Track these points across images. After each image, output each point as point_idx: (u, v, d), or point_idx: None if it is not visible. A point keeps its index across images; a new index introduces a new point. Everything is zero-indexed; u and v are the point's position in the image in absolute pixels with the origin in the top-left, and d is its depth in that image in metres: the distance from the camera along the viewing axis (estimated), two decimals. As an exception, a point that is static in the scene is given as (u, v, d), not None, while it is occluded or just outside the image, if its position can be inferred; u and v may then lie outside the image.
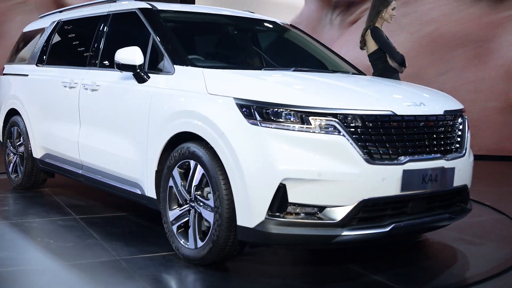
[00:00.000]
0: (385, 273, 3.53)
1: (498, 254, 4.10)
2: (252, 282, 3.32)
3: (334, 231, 3.26)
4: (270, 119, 3.28)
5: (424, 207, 3.63)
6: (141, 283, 3.26)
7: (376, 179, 3.31)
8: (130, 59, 3.97)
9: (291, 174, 3.21)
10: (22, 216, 4.72)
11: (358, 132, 3.30)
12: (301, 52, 4.99)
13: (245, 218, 3.29)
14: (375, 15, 5.42)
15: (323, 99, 3.35)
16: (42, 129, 5.37)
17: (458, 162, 3.75)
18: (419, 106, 3.61)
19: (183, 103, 3.71)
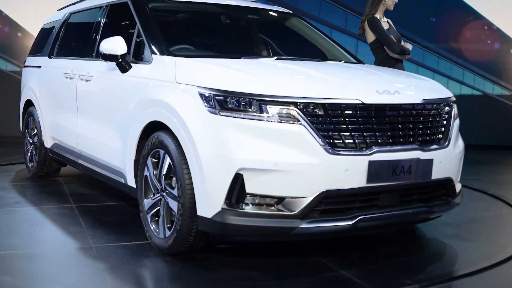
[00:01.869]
0: (356, 268, 3.41)
1: (484, 251, 3.89)
2: (211, 274, 3.28)
3: (293, 223, 3.18)
4: (229, 108, 3.22)
5: (397, 200, 3.48)
6: (100, 270, 3.28)
7: (338, 170, 3.20)
8: (112, 49, 4.00)
9: (247, 164, 3.14)
10: (22, 203, 4.87)
11: (320, 121, 3.20)
12: (297, 40, 4.90)
13: (204, 208, 3.25)
14: (378, 1, 5.22)
15: (282, 87, 3.26)
16: (50, 119, 5.51)
17: (439, 154, 3.57)
18: (393, 94, 3.46)
19: (154, 92, 3.71)
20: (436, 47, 8.99)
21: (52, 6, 6.86)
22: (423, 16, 8.98)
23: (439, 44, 9.01)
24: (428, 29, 8.94)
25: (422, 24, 8.92)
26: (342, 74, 3.82)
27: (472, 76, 9.07)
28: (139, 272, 3.37)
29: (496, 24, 8.97)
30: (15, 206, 4.74)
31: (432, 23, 9.00)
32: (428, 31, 8.92)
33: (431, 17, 9.00)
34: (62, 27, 5.78)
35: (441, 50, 9.01)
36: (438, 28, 9.01)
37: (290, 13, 5.05)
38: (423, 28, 8.93)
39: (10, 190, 5.34)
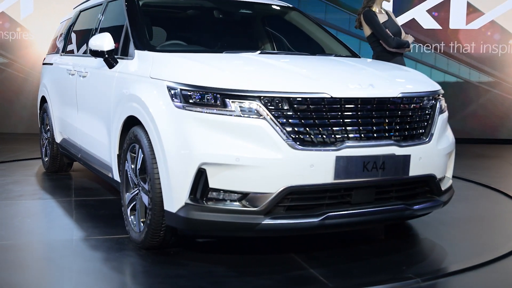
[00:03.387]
0: (326, 267, 3.32)
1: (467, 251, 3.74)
2: (177, 268, 3.27)
3: (255, 219, 3.13)
4: (193, 103, 3.20)
5: (372, 197, 3.37)
6: (67, 262, 3.32)
7: (302, 165, 3.13)
8: (99, 45, 4.05)
9: (209, 158, 3.12)
10: (25, 196, 4.99)
11: (285, 116, 3.13)
12: (291, 34, 4.83)
13: (169, 202, 3.25)
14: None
15: (246, 81, 3.21)
16: (59, 115, 5.64)
17: (418, 150, 3.44)
18: (367, 88, 3.35)
19: (131, 87, 3.73)
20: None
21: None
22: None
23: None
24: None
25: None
26: (316, 67, 3.73)
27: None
28: (104, 265, 3.37)
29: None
30: (17, 199, 4.87)
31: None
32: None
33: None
34: (72, 25, 5.90)
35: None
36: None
37: (288, 7, 4.98)
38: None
39: (19, 184, 5.49)
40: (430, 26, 8.89)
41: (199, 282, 3.09)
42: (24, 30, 9.13)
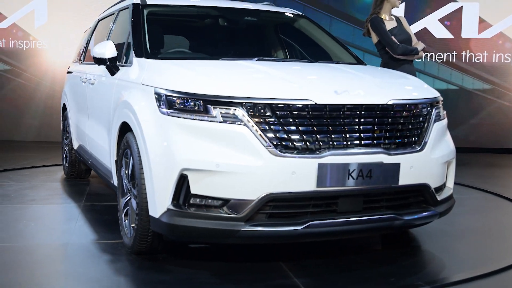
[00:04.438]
0: (311, 277, 3.28)
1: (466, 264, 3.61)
2: (160, 274, 3.27)
3: (236, 226, 3.11)
4: (177, 108, 3.22)
5: (360, 206, 3.30)
6: (59, 266, 3.38)
7: (284, 172, 3.09)
8: (101, 52, 4.12)
9: (190, 164, 3.12)
10: (36, 200, 5.10)
11: (267, 122, 3.11)
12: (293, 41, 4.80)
13: (153, 207, 3.27)
14: (381, 0, 4.99)
15: (228, 87, 3.20)
16: (75, 121, 5.77)
17: (409, 158, 3.35)
18: (355, 94, 3.30)
19: (126, 93, 3.79)
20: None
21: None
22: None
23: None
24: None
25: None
26: (305, 74, 3.69)
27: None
28: (91, 269, 3.39)
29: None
30: (28, 203, 4.99)
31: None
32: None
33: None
34: (91, 34, 6.03)
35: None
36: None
37: (298, 15, 4.94)
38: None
39: (36, 189, 5.62)
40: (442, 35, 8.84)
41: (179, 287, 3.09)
42: (37, 39, 9.36)
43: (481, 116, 9.05)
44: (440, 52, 8.88)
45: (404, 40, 4.95)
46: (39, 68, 9.37)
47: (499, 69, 8.93)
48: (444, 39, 8.91)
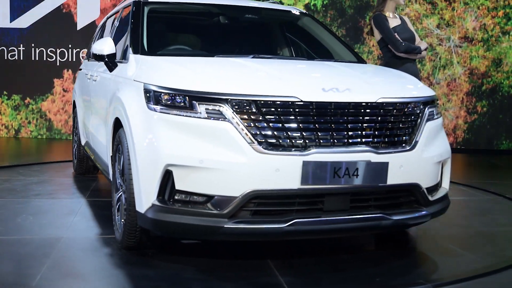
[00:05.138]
0: (296, 276, 3.25)
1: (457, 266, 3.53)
2: (145, 269, 3.28)
3: (219, 222, 3.10)
4: (164, 104, 3.23)
5: (347, 205, 3.27)
6: (46, 260, 3.41)
7: (267, 169, 3.08)
8: (100, 49, 4.16)
9: (174, 160, 3.12)
10: (41, 195, 5.17)
11: (251, 119, 3.10)
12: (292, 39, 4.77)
13: (139, 203, 3.28)
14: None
15: (213, 84, 3.20)
16: (82, 118, 5.84)
17: (398, 157, 3.31)
18: (344, 92, 3.26)
19: (119, 89, 3.81)
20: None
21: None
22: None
23: None
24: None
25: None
26: (294, 71, 3.66)
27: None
28: (78, 264, 3.42)
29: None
30: (32, 198, 5.06)
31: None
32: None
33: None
34: (99, 32, 6.10)
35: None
36: None
37: (297, 12, 4.91)
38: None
39: (43, 184, 5.70)
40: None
41: (161, 284, 3.09)
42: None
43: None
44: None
45: (407, 39, 4.87)
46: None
47: None
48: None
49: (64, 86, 9.20)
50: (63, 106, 9.21)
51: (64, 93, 9.21)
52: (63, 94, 9.20)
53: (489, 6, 9.04)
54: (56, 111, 9.24)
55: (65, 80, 9.20)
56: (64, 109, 9.22)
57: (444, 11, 9.00)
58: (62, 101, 9.23)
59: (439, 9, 9.00)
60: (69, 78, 9.14)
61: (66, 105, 9.24)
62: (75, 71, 9.04)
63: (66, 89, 9.20)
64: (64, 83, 9.20)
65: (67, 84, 9.19)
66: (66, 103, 9.23)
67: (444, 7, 9.01)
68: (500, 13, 9.01)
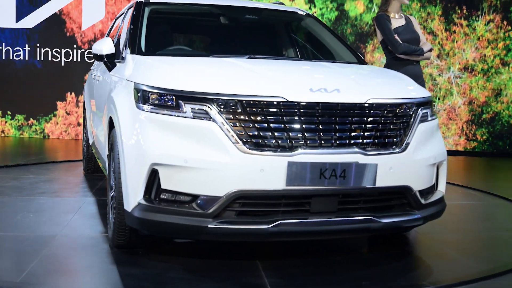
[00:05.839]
0: (283, 277, 3.22)
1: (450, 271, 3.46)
2: (132, 268, 3.29)
3: (203, 222, 3.09)
4: (152, 104, 3.24)
5: (334, 207, 3.23)
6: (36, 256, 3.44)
7: (252, 169, 3.06)
8: (99, 49, 4.19)
9: (159, 159, 3.13)
10: (46, 193, 5.22)
11: (237, 119, 3.09)
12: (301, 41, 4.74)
13: (126, 201, 3.29)
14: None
15: (199, 84, 3.19)
16: (89, 118, 5.89)
17: (388, 159, 3.26)
18: (331, 92, 3.23)
19: (114, 89, 3.84)
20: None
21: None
22: None
23: None
24: None
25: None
26: (283, 72, 3.62)
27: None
28: (68, 261, 3.47)
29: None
30: (36, 195, 5.12)
31: None
32: None
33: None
34: (109, 33, 6.15)
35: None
36: None
37: (299, 13, 4.88)
38: None
39: (50, 183, 5.77)
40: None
41: (145, 283, 3.09)
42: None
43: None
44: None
45: (409, 40, 4.79)
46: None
47: None
48: None
49: (67, 109, 9.34)
50: (65, 129, 9.37)
51: (67, 116, 9.38)
52: (66, 117, 9.36)
53: (489, 38, 9.11)
54: (59, 133, 9.40)
55: (68, 103, 9.34)
56: (66, 131, 9.38)
57: (445, 41, 9.11)
58: (65, 124, 9.38)
59: (439, 39, 9.11)
60: (72, 101, 9.28)
61: (69, 128, 9.38)
62: (77, 94, 9.24)
63: (69, 112, 9.34)
64: (67, 106, 9.34)
65: (69, 107, 9.34)
66: (69, 126, 9.36)
67: (444, 37, 9.10)
68: (500, 45, 9.12)
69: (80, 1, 9.20)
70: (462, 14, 9.08)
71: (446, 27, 9.09)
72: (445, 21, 9.10)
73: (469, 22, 9.08)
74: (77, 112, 9.30)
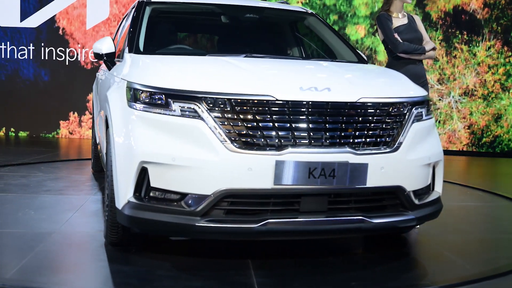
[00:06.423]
0: (271, 277, 3.20)
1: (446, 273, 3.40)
2: (123, 266, 3.30)
3: (191, 220, 3.10)
4: (143, 102, 3.25)
5: (324, 206, 3.20)
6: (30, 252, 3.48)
7: (239, 168, 3.06)
8: (99, 48, 4.23)
9: (148, 157, 3.14)
10: (51, 191, 5.28)
11: (225, 117, 3.08)
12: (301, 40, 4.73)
13: (117, 199, 3.31)
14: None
15: (188, 82, 3.20)
16: (95, 117, 5.95)
17: (380, 159, 3.23)
18: (322, 91, 3.21)
19: (109, 87, 3.86)
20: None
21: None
22: None
23: None
24: None
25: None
26: (275, 70, 3.61)
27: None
28: (61, 258, 3.51)
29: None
30: (40, 193, 5.18)
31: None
32: None
33: None
34: (116, 31, 6.20)
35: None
36: None
37: (302, 12, 4.86)
38: None
39: (57, 181, 5.83)
40: None
41: (131, 280, 3.11)
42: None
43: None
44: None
45: (411, 39, 4.71)
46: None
47: None
48: None
49: (70, 129, 9.47)
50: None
51: (70, 135, 9.50)
52: (69, 136, 9.49)
53: (489, 64, 9.14)
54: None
55: (71, 122, 9.45)
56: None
57: (445, 66, 9.18)
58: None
59: (440, 64, 9.17)
60: (75, 120, 9.38)
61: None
62: (81, 114, 9.40)
63: (72, 131, 9.46)
64: (70, 125, 9.45)
65: (72, 127, 9.44)
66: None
67: (445, 62, 9.16)
68: (500, 70, 9.16)
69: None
70: (463, 39, 9.20)
71: (447, 52, 9.19)
72: (446, 46, 9.20)
73: (470, 48, 9.18)
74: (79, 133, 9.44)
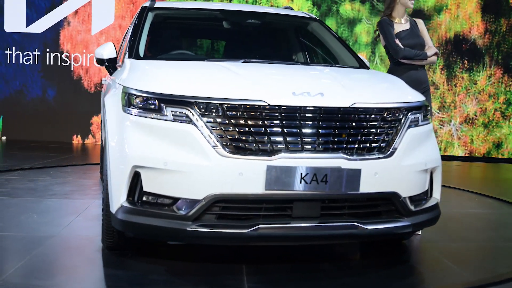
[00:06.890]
0: (264, 283, 3.20)
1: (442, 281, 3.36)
2: (117, 270, 3.32)
3: (183, 225, 3.10)
4: (137, 107, 3.27)
5: (317, 212, 3.19)
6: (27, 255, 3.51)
7: (231, 173, 3.05)
8: (100, 53, 4.27)
9: (140, 162, 3.15)
10: (56, 195, 5.34)
11: (216, 122, 3.09)
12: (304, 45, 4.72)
13: (111, 204, 3.33)
14: (392, 1, 4.75)
15: (181, 87, 3.21)
16: (102, 122, 6.00)
17: (373, 164, 3.20)
18: (315, 96, 3.20)
19: (107, 93, 3.89)
20: None
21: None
22: None
23: None
24: None
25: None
26: (269, 75, 3.59)
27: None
28: (58, 261, 3.54)
29: None
30: (46, 197, 5.24)
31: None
32: None
33: None
34: (124, 37, 6.26)
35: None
36: None
37: (311, 18, 4.84)
38: None
39: (64, 185, 5.89)
40: None
41: (123, 284, 3.12)
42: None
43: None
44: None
45: (413, 45, 4.65)
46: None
47: None
48: None
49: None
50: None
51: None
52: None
53: (490, 92, 9.16)
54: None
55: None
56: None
57: (446, 94, 9.23)
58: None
59: (441, 92, 9.21)
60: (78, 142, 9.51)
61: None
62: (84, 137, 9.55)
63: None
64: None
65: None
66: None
67: (446, 90, 9.20)
68: (501, 99, 9.19)
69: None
70: (463, 67, 9.23)
71: (448, 80, 9.20)
72: (447, 73, 9.20)
73: (471, 76, 9.20)
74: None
